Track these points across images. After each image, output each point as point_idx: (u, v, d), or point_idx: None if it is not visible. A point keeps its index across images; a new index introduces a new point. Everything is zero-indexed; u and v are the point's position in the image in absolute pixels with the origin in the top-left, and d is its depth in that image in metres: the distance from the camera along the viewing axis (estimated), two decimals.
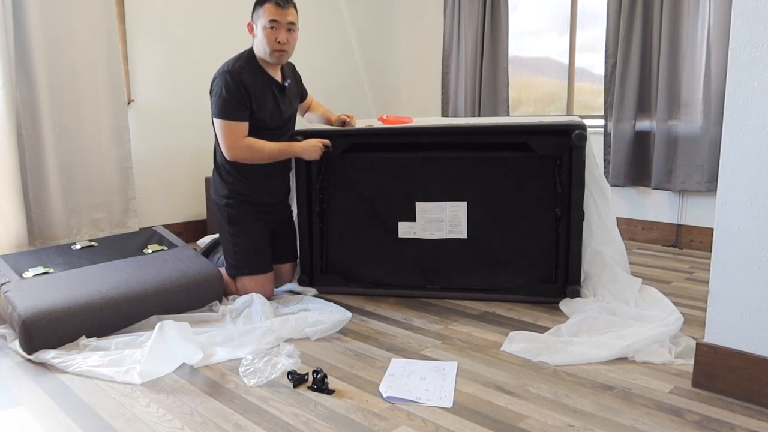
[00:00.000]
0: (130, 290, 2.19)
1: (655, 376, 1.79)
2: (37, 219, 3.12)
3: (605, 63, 3.57)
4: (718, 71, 3.14)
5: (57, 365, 1.88)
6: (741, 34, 1.55)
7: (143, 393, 1.72)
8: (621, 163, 3.54)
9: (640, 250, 3.41)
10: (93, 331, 2.07)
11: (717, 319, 1.67)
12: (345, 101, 4.71)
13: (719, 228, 1.64)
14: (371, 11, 4.80)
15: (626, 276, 2.38)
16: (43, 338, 1.97)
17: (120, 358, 1.89)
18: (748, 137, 1.57)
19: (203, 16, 3.80)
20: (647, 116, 3.50)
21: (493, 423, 1.53)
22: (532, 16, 4.26)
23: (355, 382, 1.78)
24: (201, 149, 3.87)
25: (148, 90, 3.60)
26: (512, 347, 1.98)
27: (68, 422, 1.57)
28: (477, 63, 4.25)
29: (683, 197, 3.44)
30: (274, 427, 1.53)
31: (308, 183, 2.54)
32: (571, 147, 2.26)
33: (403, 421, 1.54)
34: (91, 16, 3.19)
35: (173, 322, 1.86)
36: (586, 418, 1.55)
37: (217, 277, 2.40)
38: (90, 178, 3.29)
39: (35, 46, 3.01)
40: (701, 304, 2.42)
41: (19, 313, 1.97)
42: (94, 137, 3.27)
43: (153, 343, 1.82)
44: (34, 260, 2.37)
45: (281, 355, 1.85)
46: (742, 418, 1.55)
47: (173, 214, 3.78)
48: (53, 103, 3.12)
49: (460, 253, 2.47)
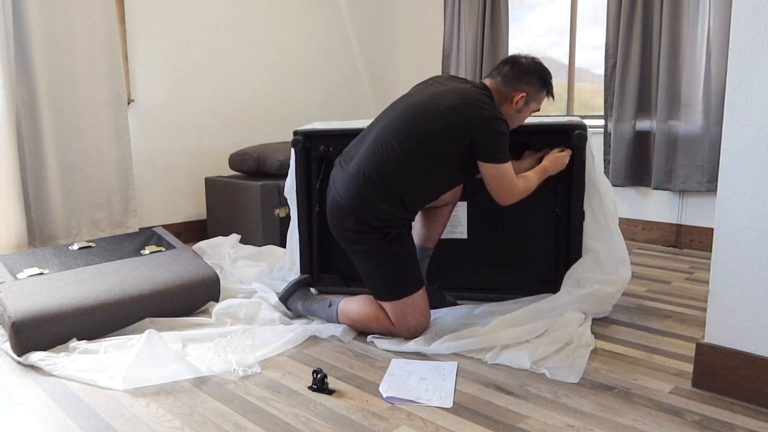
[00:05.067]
0: (124, 292, 2.17)
1: (655, 376, 1.79)
2: (37, 219, 3.12)
3: (605, 63, 3.57)
4: (718, 71, 3.14)
5: (44, 367, 1.87)
6: (741, 34, 1.55)
7: (143, 393, 1.72)
8: (621, 163, 3.54)
9: (640, 250, 3.41)
10: (84, 333, 2.06)
11: (717, 319, 1.67)
12: (345, 101, 4.71)
13: (719, 228, 1.64)
14: (371, 11, 4.80)
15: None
16: (33, 340, 1.95)
17: (107, 363, 1.87)
18: (748, 137, 1.57)
19: (203, 16, 3.80)
20: (647, 116, 3.50)
21: (493, 423, 1.53)
22: (533, 16, 4.26)
23: (355, 382, 1.78)
24: (201, 149, 3.88)
25: (148, 90, 3.60)
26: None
27: (68, 422, 1.57)
28: (477, 63, 4.25)
29: (683, 197, 3.44)
30: (274, 427, 1.53)
31: (308, 183, 2.54)
32: (572, 147, 2.26)
33: (403, 421, 1.54)
34: (91, 16, 3.19)
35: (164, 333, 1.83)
36: (586, 418, 1.55)
37: (213, 278, 2.39)
38: (90, 178, 3.29)
39: (35, 46, 3.01)
40: (701, 304, 2.42)
41: (9, 315, 1.96)
42: (94, 137, 3.27)
43: (139, 350, 1.81)
44: (30, 261, 2.36)
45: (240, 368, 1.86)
46: (742, 418, 1.55)
47: (173, 215, 3.79)
48: (53, 103, 3.12)
49: (459, 253, 2.47)
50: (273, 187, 3.38)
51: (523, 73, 2.02)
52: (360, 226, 1.98)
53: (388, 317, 2.04)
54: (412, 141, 1.94)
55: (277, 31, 4.21)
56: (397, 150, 1.95)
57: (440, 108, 1.94)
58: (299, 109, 4.40)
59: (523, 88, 2.02)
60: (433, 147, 1.94)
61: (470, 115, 1.91)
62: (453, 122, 1.92)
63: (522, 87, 2.02)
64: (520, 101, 2.03)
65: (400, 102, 2.08)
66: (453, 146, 1.94)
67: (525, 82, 2.02)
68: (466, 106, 1.92)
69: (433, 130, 1.93)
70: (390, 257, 2.00)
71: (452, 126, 1.92)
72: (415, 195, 1.99)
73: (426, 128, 1.94)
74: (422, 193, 2.01)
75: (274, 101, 4.24)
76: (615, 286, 2.22)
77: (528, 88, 2.03)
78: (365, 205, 1.96)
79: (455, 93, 1.97)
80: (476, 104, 1.92)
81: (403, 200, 1.98)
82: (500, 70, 2.06)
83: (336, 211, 2.03)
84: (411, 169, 1.95)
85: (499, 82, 2.04)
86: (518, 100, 2.02)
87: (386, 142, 1.97)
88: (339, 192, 2.02)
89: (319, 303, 2.22)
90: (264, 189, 3.36)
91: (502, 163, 1.94)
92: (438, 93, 2.00)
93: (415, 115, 1.97)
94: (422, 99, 2.01)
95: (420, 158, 1.94)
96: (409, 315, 2.02)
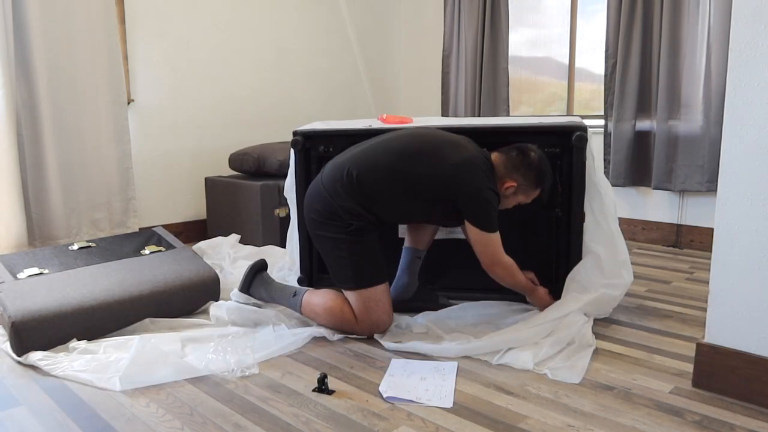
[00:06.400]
0: (124, 292, 2.17)
1: (655, 376, 1.79)
2: (37, 219, 3.13)
3: (605, 63, 3.57)
4: (718, 71, 3.14)
5: (43, 367, 1.87)
6: (741, 34, 1.55)
7: (143, 393, 1.72)
8: (621, 163, 3.54)
9: (640, 250, 3.41)
10: (84, 333, 2.06)
11: (717, 319, 1.67)
12: (345, 101, 4.71)
13: (719, 228, 1.64)
14: (371, 11, 4.80)
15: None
16: (32, 340, 1.95)
17: (105, 363, 1.87)
18: (748, 137, 1.57)
19: (203, 16, 3.80)
20: (647, 116, 3.50)
21: (493, 423, 1.53)
22: (533, 16, 4.26)
23: (355, 382, 1.78)
24: (201, 149, 3.88)
25: (148, 90, 3.60)
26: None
27: (68, 422, 1.57)
28: (477, 63, 4.25)
29: (683, 197, 3.44)
30: (274, 427, 1.53)
31: (308, 183, 2.54)
32: (572, 148, 2.26)
33: (403, 421, 1.54)
34: (91, 15, 3.19)
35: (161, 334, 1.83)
36: (586, 418, 1.55)
37: (213, 278, 2.39)
38: (90, 178, 3.29)
39: (35, 46, 3.01)
40: (701, 304, 2.42)
41: (9, 315, 1.96)
42: (94, 137, 3.27)
43: (135, 351, 1.80)
44: (30, 261, 2.36)
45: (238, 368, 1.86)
46: (742, 418, 1.55)
47: (173, 214, 3.79)
48: (53, 103, 3.12)
49: (459, 253, 2.47)
50: (273, 187, 3.38)
51: (523, 166, 2.08)
52: (325, 211, 2.06)
53: (352, 312, 2.09)
54: (405, 166, 2.02)
55: (277, 31, 4.21)
56: (389, 166, 2.02)
57: (445, 157, 2.02)
58: (299, 109, 4.40)
59: (516, 179, 2.08)
60: (421, 183, 2.01)
61: (466, 178, 2.00)
62: (450, 176, 2.00)
63: (516, 177, 2.08)
64: (509, 189, 2.10)
65: (418, 130, 2.16)
66: (439, 194, 2.02)
67: (521, 175, 2.08)
68: (467, 167, 2.01)
69: (428, 171, 2.01)
70: (351, 246, 2.06)
71: (447, 178, 2.00)
72: (385, 209, 2.06)
73: (423, 165, 2.02)
74: (392, 212, 2.07)
75: (274, 101, 4.24)
76: (618, 289, 2.22)
77: (521, 181, 2.09)
78: (338, 195, 2.04)
79: (465, 153, 2.05)
80: (476, 171, 2.01)
81: (373, 208, 2.05)
82: (509, 152, 2.11)
83: (312, 194, 2.12)
84: (390, 187, 2.02)
85: (502, 161, 2.10)
86: (508, 187, 2.10)
87: (383, 155, 2.05)
88: (323, 178, 2.11)
89: (283, 291, 2.26)
90: (264, 189, 3.36)
91: (488, 232, 2.03)
92: (453, 143, 2.07)
93: (421, 148, 2.05)
94: (436, 139, 2.08)
95: (402, 182, 2.02)
96: (372, 310, 2.07)
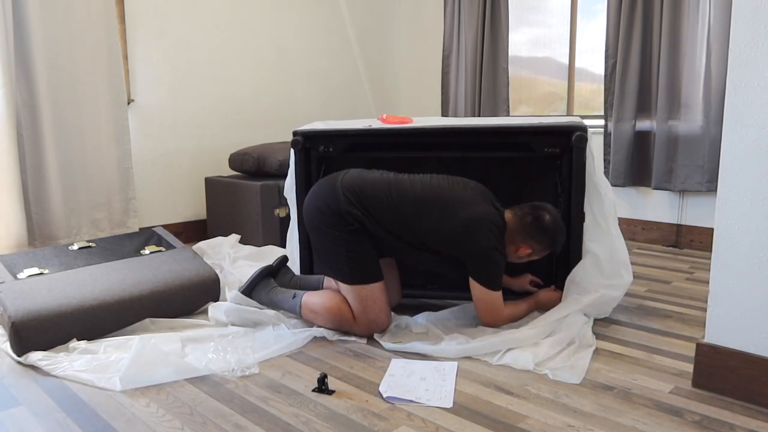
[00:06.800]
0: (124, 292, 2.17)
1: (655, 376, 1.79)
2: (37, 219, 3.13)
3: (605, 63, 3.57)
4: (718, 71, 3.14)
5: (43, 367, 1.87)
6: (741, 34, 1.55)
7: (143, 393, 1.72)
8: (621, 163, 3.54)
9: (640, 250, 3.41)
10: (84, 333, 2.06)
11: (717, 319, 1.67)
12: (345, 101, 4.71)
13: (719, 228, 1.64)
14: (371, 11, 4.80)
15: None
16: (32, 340, 1.95)
17: (105, 363, 1.87)
18: (748, 137, 1.57)
19: (203, 16, 3.80)
20: (647, 116, 3.50)
21: (493, 423, 1.53)
22: (533, 16, 4.26)
23: (355, 382, 1.78)
24: (201, 149, 3.88)
25: (148, 90, 3.60)
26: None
27: (68, 422, 1.57)
28: (477, 63, 4.25)
29: (683, 197, 3.44)
30: (274, 427, 1.53)
31: (308, 183, 2.54)
32: (572, 148, 2.26)
33: (403, 421, 1.54)
34: (91, 15, 3.19)
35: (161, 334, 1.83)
36: (586, 418, 1.55)
37: (213, 278, 2.39)
38: (90, 178, 3.29)
39: (35, 46, 3.01)
40: (701, 304, 2.42)
41: (9, 315, 1.96)
42: (94, 137, 3.27)
43: (135, 351, 1.81)
44: (30, 261, 2.36)
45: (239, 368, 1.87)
46: (742, 418, 1.55)
47: (173, 214, 3.79)
48: (53, 103, 3.12)
49: None
50: (273, 187, 3.38)
51: (538, 233, 2.09)
52: (333, 210, 2.08)
53: (350, 311, 2.09)
54: (416, 211, 2.06)
55: (277, 31, 4.21)
56: (400, 208, 2.07)
57: (459, 213, 2.05)
58: (299, 109, 4.40)
59: (532, 245, 2.11)
60: (430, 237, 2.06)
61: (475, 237, 2.02)
62: (459, 231, 2.03)
63: (531, 244, 2.11)
64: (523, 254, 2.13)
65: (437, 179, 2.18)
66: (444, 247, 2.06)
67: (537, 241, 2.10)
68: (476, 225, 2.03)
69: (437, 226, 2.05)
70: (349, 243, 2.07)
71: (457, 235, 2.03)
72: (394, 251, 2.13)
73: (434, 220, 2.05)
74: (400, 254, 2.15)
75: (274, 101, 4.24)
76: (619, 290, 2.22)
77: (536, 246, 2.11)
78: (353, 207, 2.07)
79: (479, 211, 2.06)
80: (484, 231, 2.03)
81: (383, 239, 2.08)
82: (524, 216, 2.11)
83: (325, 191, 2.13)
84: (397, 222, 2.07)
85: (516, 225, 2.11)
86: (522, 254, 2.13)
87: (396, 194, 2.09)
88: (344, 182, 2.13)
89: (283, 294, 2.27)
90: (264, 189, 3.36)
91: (491, 290, 2.07)
92: (468, 201, 2.09)
93: (437, 198, 2.08)
94: (455, 193, 2.11)
95: (410, 226, 2.06)
96: (369, 308, 2.08)
